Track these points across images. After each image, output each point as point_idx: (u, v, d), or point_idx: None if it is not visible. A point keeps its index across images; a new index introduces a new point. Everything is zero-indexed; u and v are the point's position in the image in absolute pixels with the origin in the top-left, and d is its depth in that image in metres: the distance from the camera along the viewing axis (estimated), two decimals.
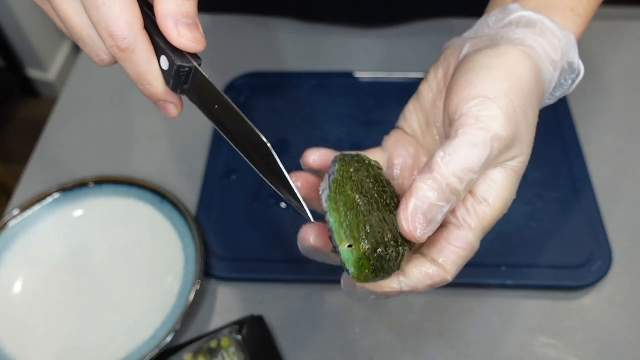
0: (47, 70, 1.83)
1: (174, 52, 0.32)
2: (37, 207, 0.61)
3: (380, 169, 0.39)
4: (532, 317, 0.55)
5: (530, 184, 0.62)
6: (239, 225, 0.61)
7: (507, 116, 0.34)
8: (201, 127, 0.70)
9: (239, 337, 0.51)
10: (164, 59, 0.33)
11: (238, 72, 0.75)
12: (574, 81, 0.41)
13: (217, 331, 0.52)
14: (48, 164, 0.69)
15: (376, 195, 0.35)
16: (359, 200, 0.34)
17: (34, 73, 1.85)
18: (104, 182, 0.63)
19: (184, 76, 0.33)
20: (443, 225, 0.36)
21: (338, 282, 0.56)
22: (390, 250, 0.33)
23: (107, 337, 0.55)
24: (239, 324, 0.53)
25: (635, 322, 0.54)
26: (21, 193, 0.66)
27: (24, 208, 0.61)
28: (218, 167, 0.65)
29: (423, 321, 0.55)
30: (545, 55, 0.38)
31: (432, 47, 0.78)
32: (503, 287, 0.56)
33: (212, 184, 0.64)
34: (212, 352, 0.50)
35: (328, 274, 0.57)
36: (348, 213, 0.33)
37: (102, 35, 0.32)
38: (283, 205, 0.62)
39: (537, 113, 0.38)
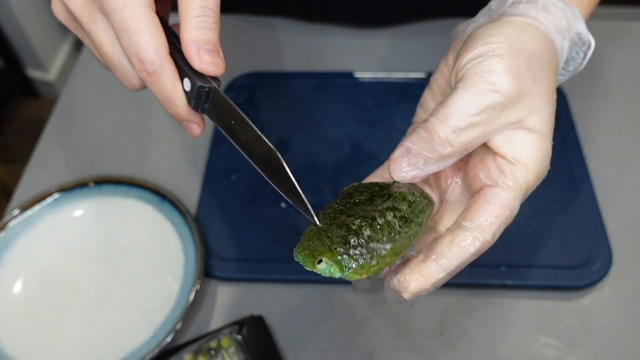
0: (47, 70, 1.83)
1: (195, 74, 0.36)
2: (37, 207, 0.61)
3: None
4: (532, 317, 0.55)
5: None
6: (239, 225, 0.61)
7: (508, 70, 0.34)
8: None
9: (239, 337, 0.51)
10: (186, 80, 0.36)
11: (238, 72, 0.75)
12: (585, 54, 0.41)
13: (217, 331, 0.52)
14: (48, 164, 0.69)
15: (339, 207, 0.35)
16: (313, 228, 0.34)
17: (34, 73, 1.85)
18: (103, 182, 0.63)
19: (204, 96, 0.36)
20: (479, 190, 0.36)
21: (338, 282, 0.57)
22: (366, 230, 0.32)
23: (107, 337, 0.55)
24: (239, 324, 0.53)
25: (635, 322, 0.54)
26: (21, 193, 0.66)
27: (24, 208, 0.61)
28: (218, 167, 0.65)
29: (423, 321, 0.55)
30: (551, 24, 0.38)
31: (433, 47, 0.78)
32: (503, 287, 0.56)
33: (212, 184, 0.64)
34: (212, 352, 0.50)
35: None
36: (310, 244, 0.34)
37: (132, 61, 0.35)
38: (283, 205, 0.62)
39: (551, 77, 0.37)
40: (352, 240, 0.32)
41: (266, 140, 0.34)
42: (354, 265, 0.32)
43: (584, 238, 0.58)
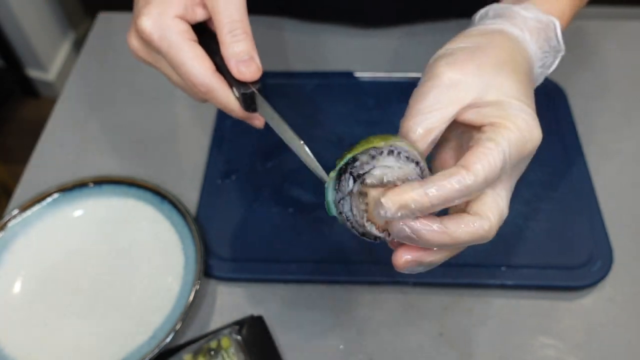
0: (46, 70, 1.83)
1: (238, 82, 0.43)
2: (36, 207, 0.61)
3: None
4: (532, 317, 0.54)
5: (530, 184, 0.62)
6: (239, 225, 0.61)
7: (444, 63, 0.39)
8: (201, 127, 0.70)
9: (239, 337, 0.51)
10: (234, 89, 0.43)
11: None
12: (555, 57, 0.44)
13: (217, 331, 0.52)
14: (48, 164, 0.68)
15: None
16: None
17: (33, 73, 1.84)
18: (103, 182, 0.63)
19: (248, 99, 0.43)
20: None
21: (338, 282, 0.57)
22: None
23: (107, 337, 0.55)
24: (239, 324, 0.53)
25: (635, 322, 0.54)
26: (21, 193, 0.66)
27: (23, 208, 0.61)
28: (218, 167, 0.65)
29: (423, 321, 0.55)
30: (523, 33, 0.41)
31: (433, 47, 0.78)
32: (503, 287, 0.56)
33: (212, 184, 0.64)
34: (212, 352, 0.50)
35: (328, 274, 0.57)
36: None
37: (189, 85, 0.44)
38: (283, 205, 0.62)
39: (513, 69, 0.40)
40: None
41: (294, 135, 0.40)
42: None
43: (584, 238, 0.58)
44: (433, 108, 0.37)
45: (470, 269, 0.56)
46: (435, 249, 0.36)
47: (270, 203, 0.62)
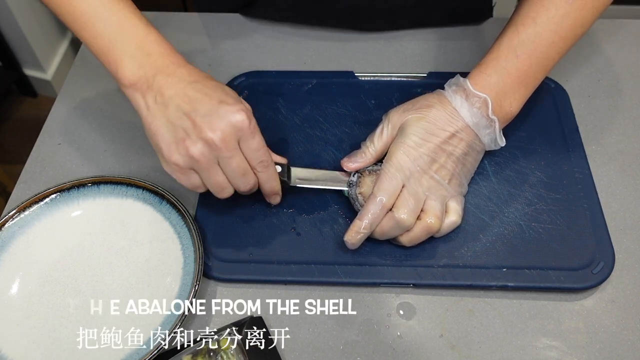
0: (44, 70, 1.83)
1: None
2: (34, 208, 0.61)
3: None
4: (534, 318, 0.54)
5: (532, 185, 0.62)
6: (238, 226, 0.61)
7: (392, 111, 0.61)
8: None
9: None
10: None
11: (238, 72, 0.74)
12: (494, 127, 0.58)
13: (217, 332, 0.52)
14: (45, 163, 0.68)
15: None
16: None
17: (31, 72, 1.84)
18: (102, 182, 0.62)
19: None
20: None
21: (338, 283, 0.56)
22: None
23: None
24: (239, 325, 0.53)
25: (638, 323, 0.54)
26: (18, 193, 0.65)
27: (21, 208, 0.60)
28: None
29: (424, 322, 0.54)
30: (459, 101, 0.57)
31: (433, 47, 0.78)
32: (504, 288, 0.55)
33: None
34: (212, 353, 0.50)
35: (328, 275, 0.57)
36: None
37: (253, 164, 0.54)
38: (282, 206, 0.61)
39: (428, 108, 0.58)
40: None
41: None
42: None
43: (586, 239, 0.57)
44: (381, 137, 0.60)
45: (471, 270, 0.56)
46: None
47: (270, 204, 0.61)
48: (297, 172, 0.61)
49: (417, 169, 0.56)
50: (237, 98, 0.54)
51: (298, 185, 0.60)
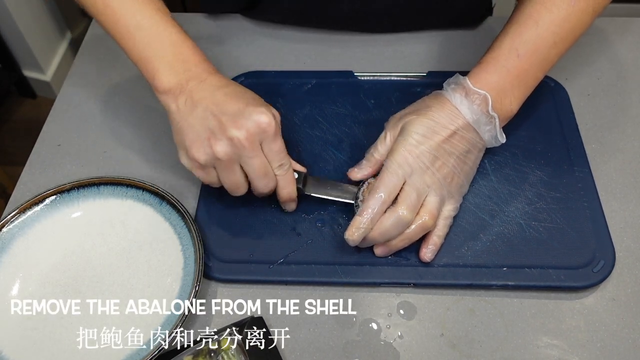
0: (43, 71, 1.82)
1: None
2: (34, 209, 0.61)
3: None
4: (535, 317, 0.54)
5: (532, 184, 0.62)
6: (239, 226, 0.61)
7: (396, 115, 0.61)
8: None
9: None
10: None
11: (238, 72, 0.74)
12: (494, 124, 0.57)
13: (217, 332, 0.52)
14: (45, 165, 0.68)
15: None
16: None
17: (30, 73, 1.84)
18: (102, 183, 0.62)
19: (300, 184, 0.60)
20: None
21: (338, 283, 0.56)
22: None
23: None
24: (239, 325, 0.53)
25: (638, 321, 0.54)
26: (18, 194, 0.65)
27: (21, 210, 0.60)
28: None
29: (424, 322, 0.54)
30: (460, 99, 0.57)
31: (433, 47, 0.78)
32: (505, 287, 0.55)
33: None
34: (212, 353, 0.50)
35: (328, 275, 0.57)
36: None
37: (274, 165, 0.56)
38: (283, 206, 0.61)
39: (433, 107, 0.58)
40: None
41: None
42: None
43: (586, 238, 0.57)
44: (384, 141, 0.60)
45: (471, 270, 0.56)
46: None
47: (270, 204, 0.61)
48: (311, 181, 0.61)
49: (419, 165, 0.55)
50: (264, 103, 0.56)
51: (313, 195, 0.60)
